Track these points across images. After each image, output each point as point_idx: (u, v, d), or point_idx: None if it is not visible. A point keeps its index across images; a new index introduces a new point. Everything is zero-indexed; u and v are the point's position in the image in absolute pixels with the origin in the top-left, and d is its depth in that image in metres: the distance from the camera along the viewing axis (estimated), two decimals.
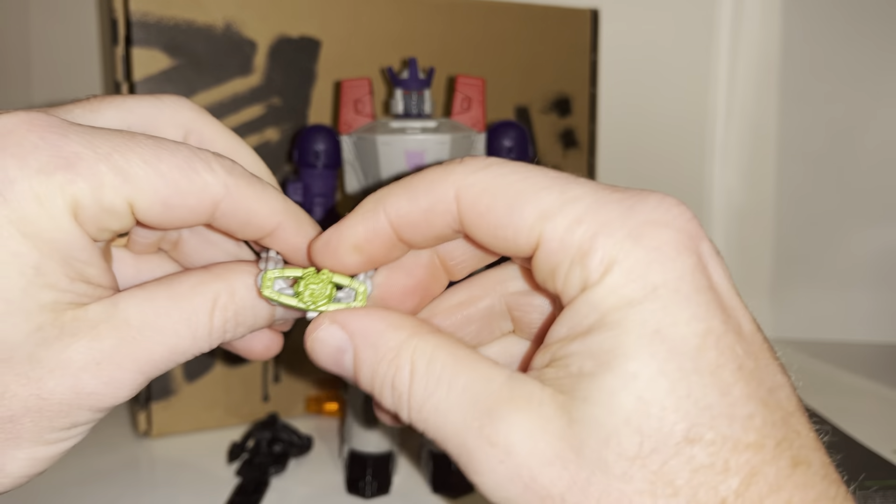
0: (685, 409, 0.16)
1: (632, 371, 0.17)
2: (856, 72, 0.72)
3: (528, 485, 0.17)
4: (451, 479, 0.45)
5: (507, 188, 0.19)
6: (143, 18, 0.49)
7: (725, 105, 0.78)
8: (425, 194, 0.20)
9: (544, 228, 0.18)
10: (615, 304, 0.17)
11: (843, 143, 0.73)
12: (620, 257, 0.17)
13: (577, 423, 0.17)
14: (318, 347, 0.21)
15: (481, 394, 0.18)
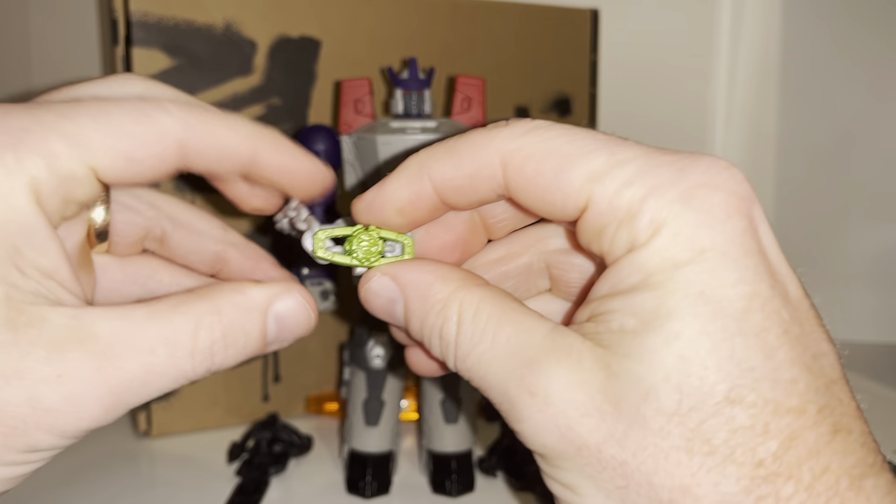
0: (727, 369, 0.16)
1: (675, 330, 0.17)
2: (856, 72, 0.72)
3: (565, 434, 0.17)
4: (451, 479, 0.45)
5: (554, 151, 0.19)
6: (143, 18, 0.49)
7: (725, 105, 0.78)
8: (470, 159, 0.20)
9: (593, 191, 0.18)
10: (660, 266, 0.17)
11: (843, 142, 0.73)
12: (669, 219, 0.17)
13: (616, 378, 0.17)
14: (372, 298, 0.22)
15: (524, 345, 0.18)
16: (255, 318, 0.21)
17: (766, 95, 0.75)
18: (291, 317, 0.22)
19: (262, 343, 0.21)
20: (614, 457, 0.17)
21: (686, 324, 0.17)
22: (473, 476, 0.45)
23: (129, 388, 0.19)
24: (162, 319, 0.19)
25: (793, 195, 0.75)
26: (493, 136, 0.20)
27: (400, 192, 0.21)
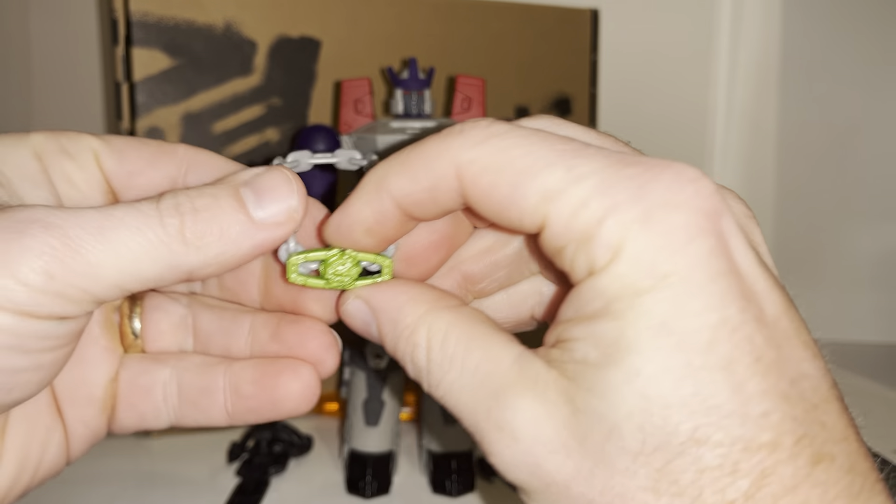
0: (691, 408, 0.16)
1: (635, 366, 0.16)
2: (856, 72, 0.72)
3: (533, 471, 0.17)
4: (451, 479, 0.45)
5: (508, 165, 0.18)
6: (143, 18, 0.49)
7: (725, 105, 0.78)
8: (425, 172, 0.19)
9: (548, 211, 0.17)
10: (620, 293, 0.16)
11: (843, 142, 0.73)
12: (627, 243, 0.16)
13: (580, 413, 0.17)
14: (348, 321, 0.22)
15: (491, 373, 0.18)
16: (223, 184, 0.20)
17: (766, 95, 0.75)
18: (266, 181, 0.20)
19: (239, 206, 0.20)
20: (583, 494, 0.17)
21: (647, 359, 0.16)
22: (473, 476, 0.45)
23: (106, 271, 0.18)
24: (128, 203, 0.19)
25: (793, 195, 0.75)
26: (447, 147, 0.19)
27: (363, 212, 0.20)
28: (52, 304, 0.18)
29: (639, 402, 0.16)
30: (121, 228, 0.18)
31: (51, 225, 0.17)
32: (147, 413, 0.24)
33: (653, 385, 0.16)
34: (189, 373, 0.23)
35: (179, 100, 0.50)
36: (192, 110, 0.51)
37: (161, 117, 0.50)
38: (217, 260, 0.19)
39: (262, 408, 0.23)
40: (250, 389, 0.23)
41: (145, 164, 0.22)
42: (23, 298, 0.17)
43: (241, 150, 0.52)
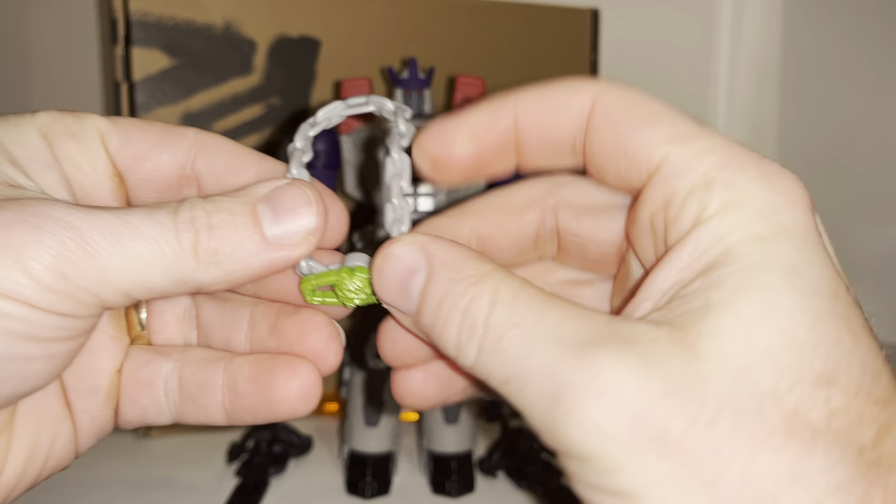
0: (825, 349, 0.15)
1: (772, 302, 0.15)
2: (856, 72, 0.72)
3: (638, 421, 0.15)
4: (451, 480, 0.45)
5: (645, 105, 0.18)
6: (143, 18, 0.49)
7: (725, 105, 0.78)
8: (562, 92, 0.19)
9: (671, 150, 0.17)
10: (743, 239, 0.16)
11: (843, 142, 0.73)
12: (749, 195, 0.16)
13: (701, 358, 0.15)
14: (389, 265, 0.19)
15: (579, 328, 0.16)
16: (240, 199, 0.20)
17: (766, 95, 0.75)
18: (285, 198, 0.20)
19: (253, 223, 0.19)
20: (701, 445, 0.15)
21: (784, 297, 0.15)
22: (473, 476, 0.45)
23: (126, 271, 0.18)
24: (145, 206, 0.19)
25: None
26: (591, 81, 0.19)
27: (479, 114, 0.20)
28: (59, 303, 0.18)
29: (776, 337, 0.15)
30: (136, 237, 0.18)
31: (69, 225, 0.17)
32: (149, 408, 0.23)
33: (791, 321, 0.15)
34: (190, 367, 0.23)
35: (179, 99, 0.50)
36: (191, 110, 0.51)
37: (161, 117, 0.50)
38: (227, 278, 0.19)
39: (259, 408, 0.22)
40: (247, 388, 0.22)
41: (151, 147, 0.22)
42: (32, 294, 0.17)
43: None
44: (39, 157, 0.20)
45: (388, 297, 0.19)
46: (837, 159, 0.73)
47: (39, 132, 0.20)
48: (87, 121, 0.21)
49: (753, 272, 0.16)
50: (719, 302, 0.16)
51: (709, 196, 0.17)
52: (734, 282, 0.16)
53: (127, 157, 0.21)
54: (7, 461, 0.20)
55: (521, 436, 0.48)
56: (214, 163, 0.22)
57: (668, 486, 0.15)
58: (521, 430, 0.49)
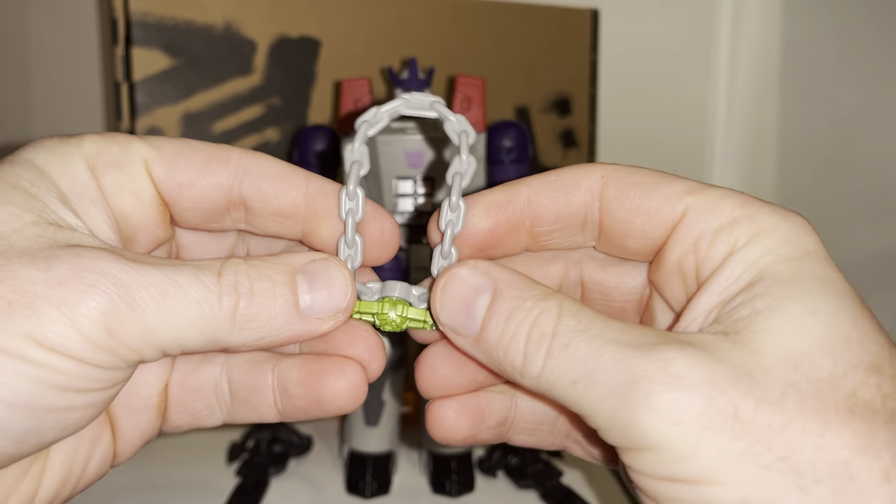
0: (868, 342, 0.17)
1: (814, 304, 0.17)
2: (856, 72, 0.72)
3: (709, 405, 0.16)
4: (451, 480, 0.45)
5: (653, 173, 0.20)
6: (143, 18, 0.49)
7: (725, 105, 0.78)
8: (572, 172, 0.21)
9: (691, 200, 0.19)
10: (775, 260, 0.18)
11: (843, 143, 0.73)
12: (772, 226, 0.18)
13: (759, 352, 0.17)
14: (454, 285, 0.20)
15: (643, 335, 0.17)
16: (282, 268, 0.20)
17: (766, 95, 0.75)
18: (322, 272, 0.21)
19: (292, 295, 0.20)
20: (772, 423, 0.16)
21: (823, 300, 0.17)
22: (473, 476, 0.45)
23: (167, 329, 0.18)
24: (192, 265, 0.19)
25: (793, 195, 0.75)
26: (598, 163, 0.21)
27: (494, 193, 0.21)
28: (103, 358, 0.18)
29: (827, 330, 0.17)
30: (181, 298, 0.18)
31: (120, 283, 0.18)
32: (200, 412, 0.23)
33: (836, 317, 0.17)
34: (238, 369, 0.23)
35: (179, 99, 0.50)
36: (191, 110, 0.51)
37: (161, 117, 0.50)
38: (255, 343, 0.20)
39: (310, 407, 0.23)
40: (298, 389, 0.22)
41: (196, 175, 0.22)
42: (79, 349, 0.18)
43: None
44: (87, 194, 0.20)
45: (451, 317, 0.20)
46: (837, 159, 0.73)
47: (86, 164, 0.21)
48: (132, 149, 0.21)
49: (791, 283, 0.17)
50: (766, 308, 0.17)
51: (737, 231, 0.19)
52: (776, 291, 0.17)
53: (172, 186, 0.22)
54: (41, 485, 0.20)
55: None
56: (261, 185, 0.22)
57: (743, 463, 0.16)
58: None
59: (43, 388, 0.17)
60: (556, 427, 0.24)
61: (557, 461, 0.48)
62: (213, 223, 0.23)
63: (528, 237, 0.22)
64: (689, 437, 0.16)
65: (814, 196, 0.74)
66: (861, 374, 0.16)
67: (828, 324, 0.17)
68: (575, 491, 0.45)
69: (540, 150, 0.63)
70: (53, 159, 0.20)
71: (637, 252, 0.21)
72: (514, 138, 0.46)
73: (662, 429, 0.16)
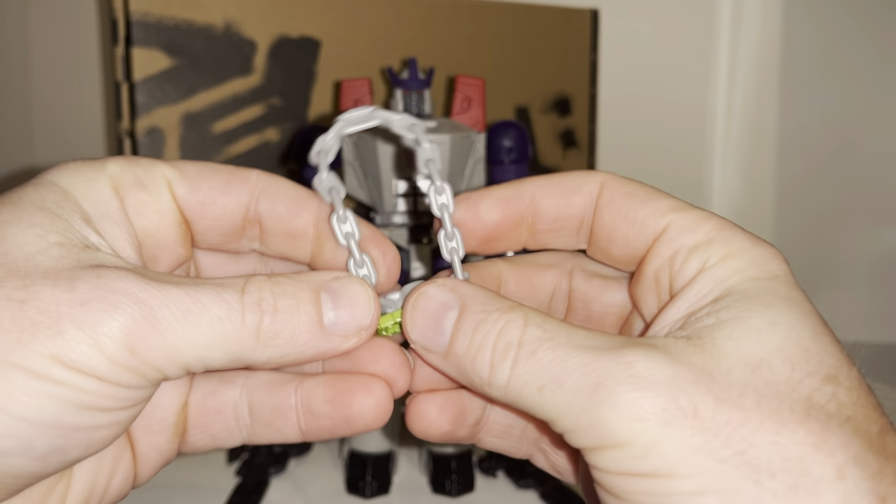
0: (825, 356, 0.18)
1: (776, 317, 0.18)
2: (856, 72, 0.72)
3: (671, 402, 0.17)
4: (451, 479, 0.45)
5: (646, 187, 0.22)
6: (143, 18, 0.49)
7: (725, 105, 0.78)
8: (575, 177, 0.22)
9: (674, 217, 0.20)
10: (743, 279, 0.19)
11: (843, 143, 0.73)
12: (745, 249, 0.19)
13: (720, 356, 0.17)
14: (423, 302, 0.21)
15: (607, 340, 0.18)
16: (305, 285, 0.21)
17: (766, 95, 0.75)
18: (345, 289, 0.21)
19: (316, 312, 0.20)
20: (730, 420, 0.16)
21: (785, 315, 0.18)
22: (473, 476, 0.45)
23: (196, 345, 0.19)
24: (215, 284, 0.20)
25: (793, 195, 0.75)
26: (599, 171, 0.22)
27: (503, 189, 0.23)
28: (126, 378, 0.18)
29: (786, 340, 0.18)
30: (204, 316, 0.19)
31: (142, 302, 0.18)
32: (219, 433, 0.23)
33: (795, 332, 0.18)
34: (259, 391, 0.23)
35: (179, 100, 0.51)
36: (191, 110, 0.51)
37: (161, 117, 0.50)
38: (279, 361, 0.20)
39: (337, 426, 0.23)
40: (324, 409, 0.22)
41: (218, 193, 0.22)
42: (102, 369, 0.18)
43: (241, 150, 0.52)
44: (110, 214, 0.21)
45: (419, 334, 0.21)
46: (837, 159, 0.73)
47: (111, 185, 0.21)
48: (156, 171, 0.22)
49: (756, 299, 0.18)
50: (729, 318, 0.18)
51: (710, 250, 0.20)
52: (740, 304, 0.18)
53: (195, 205, 0.22)
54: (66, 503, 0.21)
55: None
56: (277, 205, 0.23)
57: (702, 456, 0.16)
58: None
59: (68, 408, 0.18)
60: (525, 433, 0.24)
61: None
62: (230, 243, 0.23)
63: (528, 234, 0.23)
64: (651, 433, 0.17)
65: (813, 196, 0.74)
66: (817, 381, 0.17)
67: (787, 335, 0.18)
68: (575, 491, 0.45)
69: (540, 150, 0.63)
70: (78, 181, 0.20)
71: (619, 260, 0.22)
72: (514, 138, 0.46)
73: (626, 425, 0.17)
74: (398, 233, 0.47)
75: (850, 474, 0.16)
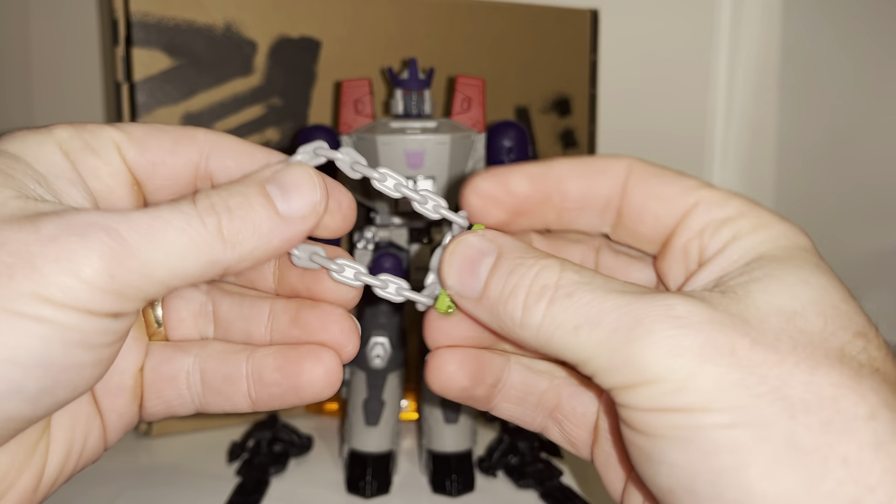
0: (855, 315, 0.19)
1: (807, 277, 0.19)
2: (856, 72, 0.72)
3: (708, 340, 0.17)
4: (451, 479, 0.45)
5: (672, 169, 0.22)
6: (144, 19, 0.49)
7: (725, 105, 0.78)
8: (603, 158, 0.23)
9: (704, 193, 0.21)
10: (773, 248, 0.19)
11: (843, 143, 0.73)
12: (774, 223, 0.20)
13: (755, 306, 0.18)
14: (461, 248, 0.21)
15: (646, 289, 0.19)
16: (249, 182, 0.21)
17: (766, 95, 0.75)
18: (289, 178, 0.21)
19: (268, 203, 0.21)
20: (766, 359, 0.17)
21: (815, 276, 0.19)
22: (473, 476, 0.46)
23: (171, 261, 0.19)
24: (165, 202, 0.20)
25: (793, 195, 0.75)
26: (625, 155, 0.23)
27: (532, 165, 0.23)
28: (112, 302, 0.18)
29: (817, 297, 0.18)
30: (168, 229, 0.19)
31: (108, 228, 0.18)
32: (173, 401, 0.24)
33: (825, 291, 0.19)
34: (212, 360, 0.24)
35: (180, 100, 0.51)
36: (192, 110, 0.51)
37: (161, 117, 0.50)
38: (251, 255, 0.21)
39: (286, 394, 0.23)
40: (274, 377, 0.23)
41: (167, 153, 0.23)
42: (86, 297, 0.18)
43: None
44: (64, 175, 0.21)
45: (456, 279, 0.21)
46: (837, 159, 0.73)
47: (60, 149, 0.21)
48: (104, 134, 0.22)
49: (788, 261, 0.19)
50: (763, 275, 0.19)
51: (740, 223, 0.20)
52: (773, 265, 0.19)
53: (145, 165, 0.22)
54: (48, 459, 0.21)
55: (521, 436, 0.48)
56: (226, 161, 0.23)
57: (737, 392, 0.17)
58: (520, 430, 0.49)
59: (54, 346, 0.18)
60: (541, 402, 0.25)
61: (557, 461, 0.49)
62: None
63: (554, 213, 0.23)
64: (687, 369, 0.17)
65: (813, 195, 0.74)
66: (849, 335, 0.18)
67: (819, 293, 0.18)
68: (575, 491, 0.45)
69: (540, 150, 0.64)
70: (27, 146, 0.21)
71: (647, 239, 0.22)
72: (514, 138, 0.46)
73: (662, 361, 0.17)
74: (398, 233, 0.47)
75: (881, 415, 0.17)
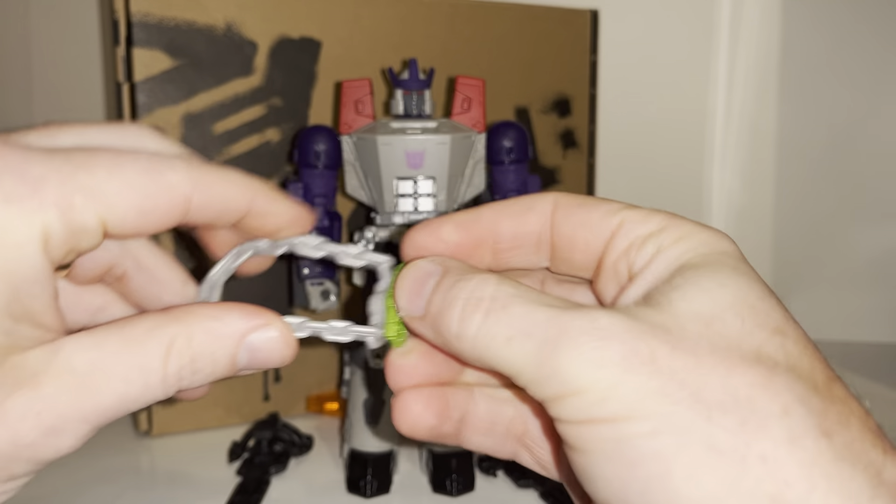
0: (772, 312, 0.19)
1: (725, 280, 0.19)
2: (856, 72, 0.72)
3: (629, 350, 0.18)
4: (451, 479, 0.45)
5: (596, 198, 0.23)
6: (144, 19, 0.49)
7: (725, 105, 0.78)
8: (526, 199, 0.24)
9: (626, 213, 0.22)
10: (693, 256, 0.20)
11: (843, 143, 0.73)
12: (695, 232, 0.21)
13: (675, 313, 0.19)
14: (412, 271, 0.22)
15: (575, 304, 0.20)
16: (226, 346, 0.21)
17: (766, 95, 0.75)
18: (265, 349, 0.22)
19: (231, 369, 0.22)
20: (685, 365, 0.18)
21: (733, 279, 0.19)
22: (473, 476, 0.46)
23: (104, 414, 0.20)
24: (136, 346, 0.20)
25: (792, 195, 0.75)
26: (548, 192, 0.24)
27: (462, 214, 0.24)
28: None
29: (736, 297, 0.19)
30: (129, 388, 0.20)
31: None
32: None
33: (742, 292, 0.19)
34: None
35: (180, 100, 0.51)
36: (192, 110, 0.51)
37: (162, 117, 0.50)
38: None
39: None
40: None
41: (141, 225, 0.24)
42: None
43: (242, 150, 0.53)
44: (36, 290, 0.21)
45: (406, 299, 0.22)
46: (837, 159, 0.74)
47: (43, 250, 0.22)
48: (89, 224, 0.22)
49: (706, 268, 0.20)
50: (682, 283, 0.19)
51: (663, 236, 0.21)
52: (691, 273, 0.20)
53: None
54: None
55: None
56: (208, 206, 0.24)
57: (657, 398, 0.17)
58: None
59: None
60: (509, 429, 0.25)
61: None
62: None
63: (491, 255, 0.24)
64: (610, 378, 0.18)
65: (812, 195, 0.75)
66: (766, 333, 0.19)
67: (736, 294, 0.19)
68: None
69: (540, 151, 0.64)
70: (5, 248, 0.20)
71: (582, 266, 0.23)
72: (514, 139, 0.46)
73: (586, 372, 0.18)
74: (398, 233, 0.47)
75: (794, 411, 0.17)
